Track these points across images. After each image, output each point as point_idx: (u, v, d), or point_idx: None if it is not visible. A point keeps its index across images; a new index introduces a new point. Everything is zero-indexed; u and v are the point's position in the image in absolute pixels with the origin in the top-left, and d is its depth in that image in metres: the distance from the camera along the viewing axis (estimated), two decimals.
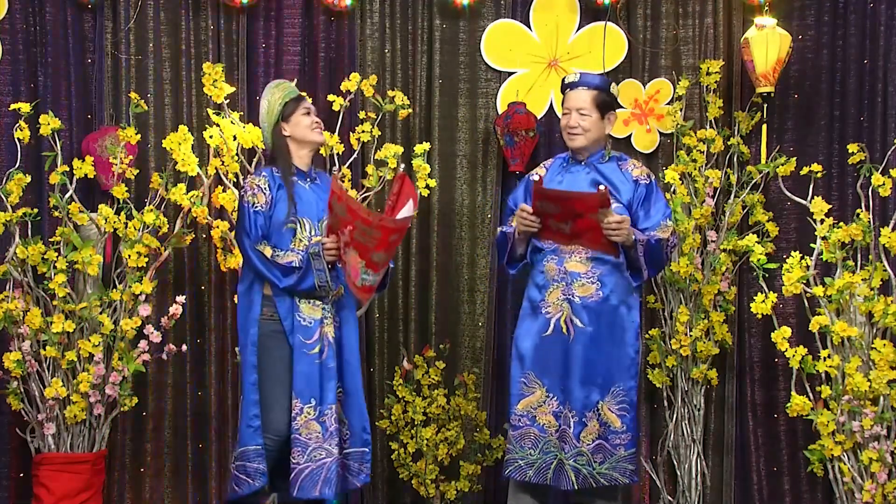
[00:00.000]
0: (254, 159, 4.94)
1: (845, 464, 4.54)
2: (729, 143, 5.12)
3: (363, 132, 5.02)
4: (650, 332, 5.04)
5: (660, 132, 5.22)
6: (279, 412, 4.12)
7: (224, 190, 4.84)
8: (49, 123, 4.66)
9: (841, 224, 4.64)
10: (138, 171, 4.92)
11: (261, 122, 4.28)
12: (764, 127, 5.04)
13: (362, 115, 5.06)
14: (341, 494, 4.32)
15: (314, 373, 4.12)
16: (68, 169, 4.70)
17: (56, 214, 4.71)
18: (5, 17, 5.01)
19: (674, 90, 5.17)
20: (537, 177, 4.14)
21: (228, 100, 4.92)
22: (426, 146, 5.02)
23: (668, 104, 5.19)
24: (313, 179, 4.29)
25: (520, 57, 5.26)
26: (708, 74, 5.10)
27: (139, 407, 4.95)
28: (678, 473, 5.08)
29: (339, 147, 4.98)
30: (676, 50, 5.25)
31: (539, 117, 5.16)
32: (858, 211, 4.65)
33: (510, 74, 5.26)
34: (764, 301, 4.60)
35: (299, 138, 4.25)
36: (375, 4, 5.26)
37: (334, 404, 4.15)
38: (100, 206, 4.75)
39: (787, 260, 4.60)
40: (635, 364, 4.17)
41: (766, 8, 4.95)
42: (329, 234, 4.16)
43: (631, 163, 4.28)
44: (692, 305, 4.99)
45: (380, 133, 5.08)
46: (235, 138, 4.85)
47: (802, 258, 4.59)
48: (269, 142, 4.26)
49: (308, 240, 4.17)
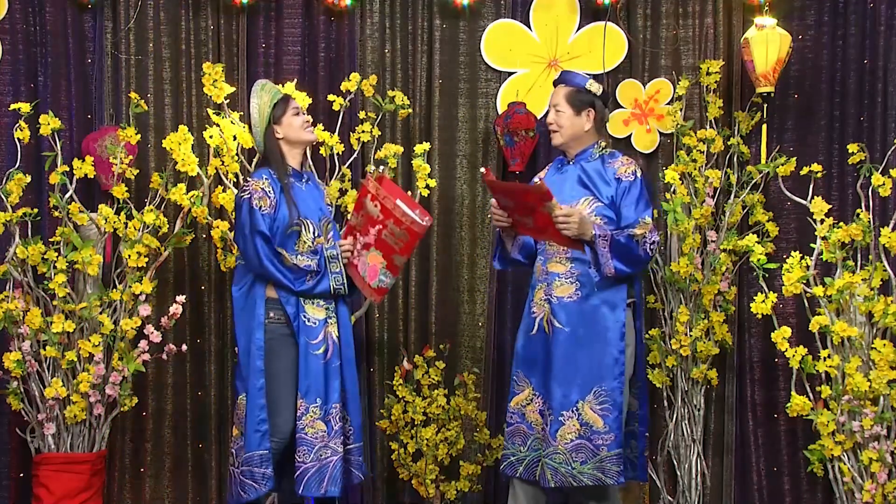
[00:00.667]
0: (254, 159, 4.94)
1: (845, 464, 4.54)
2: (729, 143, 5.12)
3: (363, 132, 5.02)
4: (650, 332, 5.03)
5: (660, 132, 5.22)
6: (286, 415, 4.13)
7: (224, 190, 4.84)
8: (49, 123, 4.66)
9: (841, 224, 4.64)
10: (138, 171, 4.92)
11: (252, 126, 4.27)
12: (764, 127, 5.04)
13: (362, 115, 5.06)
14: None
15: (320, 372, 4.14)
16: (68, 169, 4.70)
17: (56, 214, 4.71)
18: (5, 17, 5.02)
19: (674, 90, 5.17)
20: (483, 170, 4.21)
21: (228, 100, 4.92)
22: (426, 146, 5.02)
23: (668, 104, 5.19)
24: (307, 179, 4.30)
25: (520, 57, 5.26)
26: (708, 74, 5.10)
27: (139, 407, 4.96)
28: (678, 473, 5.08)
29: (339, 147, 4.98)
30: (676, 50, 5.25)
31: (539, 117, 5.15)
32: (858, 211, 4.65)
33: (510, 74, 5.26)
34: (764, 301, 4.60)
35: (293, 139, 4.25)
36: (375, 4, 5.27)
37: (338, 403, 4.17)
38: (100, 206, 4.75)
39: (787, 260, 4.60)
40: (620, 364, 4.09)
41: (766, 8, 4.95)
42: (346, 236, 4.18)
43: (619, 161, 4.24)
44: (692, 305, 4.99)
45: (380, 133, 5.08)
46: (235, 138, 4.86)
47: (802, 258, 4.59)
48: (262, 145, 4.26)
49: (311, 241, 4.17)
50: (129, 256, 4.69)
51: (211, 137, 4.83)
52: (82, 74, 5.14)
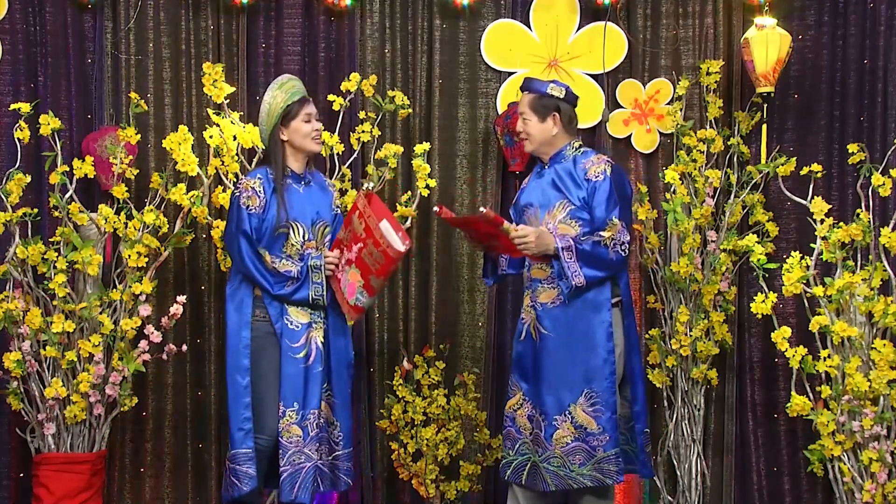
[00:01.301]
0: (254, 159, 4.94)
1: (845, 464, 4.54)
2: (729, 143, 5.12)
3: (363, 132, 5.02)
4: (650, 332, 5.04)
5: (660, 132, 5.22)
6: (273, 413, 4.12)
7: (224, 190, 4.84)
8: (49, 123, 4.66)
9: (841, 224, 4.64)
10: (138, 171, 4.91)
11: (260, 120, 4.27)
12: (764, 127, 5.04)
13: (362, 115, 5.06)
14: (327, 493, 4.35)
15: (299, 377, 4.12)
16: (68, 169, 4.70)
17: (56, 214, 4.71)
18: (5, 17, 5.01)
19: (674, 90, 5.17)
20: (437, 209, 4.19)
21: (228, 100, 4.92)
22: (426, 146, 5.02)
23: (668, 104, 5.19)
24: (307, 182, 4.28)
25: (520, 57, 5.26)
26: (708, 74, 5.10)
27: (139, 407, 4.96)
28: (678, 473, 5.08)
29: (339, 147, 4.98)
30: (676, 50, 5.25)
31: None
32: (858, 211, 4.65)
33: (510, 74, 5.26)
34: (764, 301, 4.60)
35: (297, 145, 4.24)
36: (375, 4, 5.26)
37: (317, 409, 4.14)
38: (100, 206, 4.75)
39: (787, 260, 4.60)
40: (609, 364, 4.08)
41: (766, 8, 4.95)
42: (334, 248, 4.17)
43: (590, 160, 4.20)
44: (692, 305, 4.99)
45: (380, 133, 5.08)
46: (235, 138, 4.85)
47: (802, 258, 4.59)
48: (266, 142, 4.26)
49: (301, 244, 4.16)
50: (129, 256, 4.69)
51: (211, 137, 4.83)
52: (82, 74, 5.14)
